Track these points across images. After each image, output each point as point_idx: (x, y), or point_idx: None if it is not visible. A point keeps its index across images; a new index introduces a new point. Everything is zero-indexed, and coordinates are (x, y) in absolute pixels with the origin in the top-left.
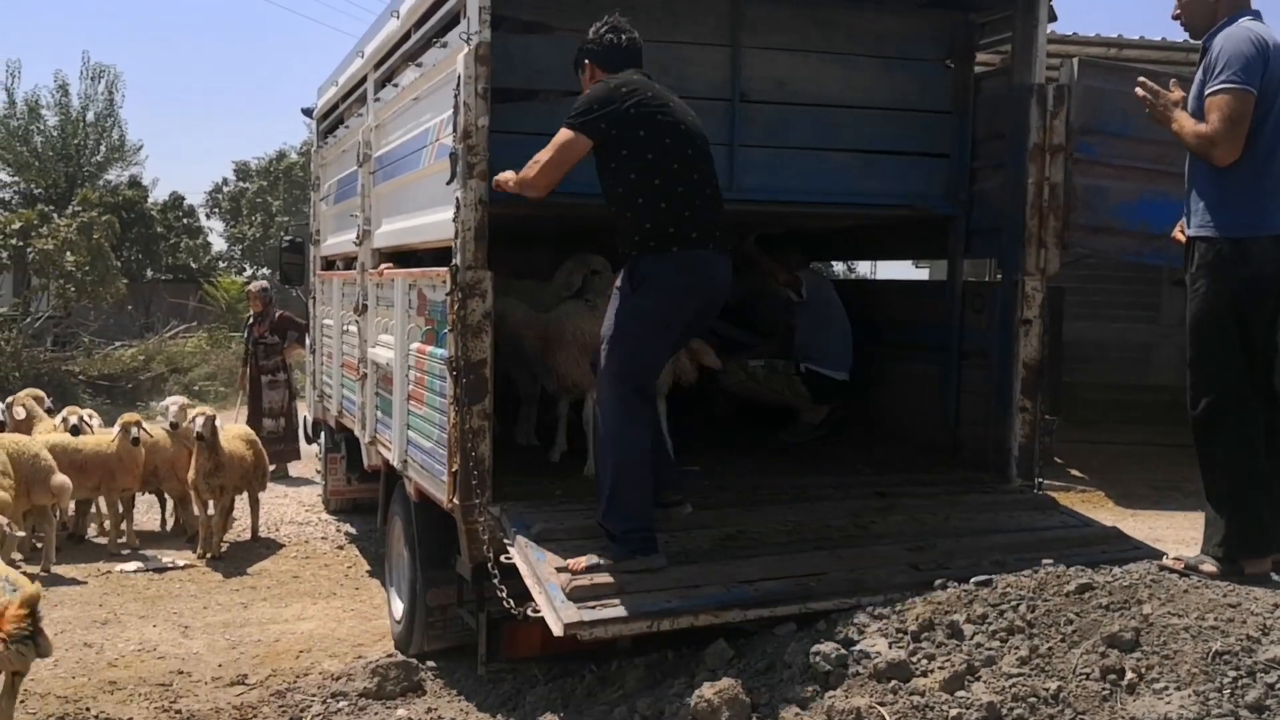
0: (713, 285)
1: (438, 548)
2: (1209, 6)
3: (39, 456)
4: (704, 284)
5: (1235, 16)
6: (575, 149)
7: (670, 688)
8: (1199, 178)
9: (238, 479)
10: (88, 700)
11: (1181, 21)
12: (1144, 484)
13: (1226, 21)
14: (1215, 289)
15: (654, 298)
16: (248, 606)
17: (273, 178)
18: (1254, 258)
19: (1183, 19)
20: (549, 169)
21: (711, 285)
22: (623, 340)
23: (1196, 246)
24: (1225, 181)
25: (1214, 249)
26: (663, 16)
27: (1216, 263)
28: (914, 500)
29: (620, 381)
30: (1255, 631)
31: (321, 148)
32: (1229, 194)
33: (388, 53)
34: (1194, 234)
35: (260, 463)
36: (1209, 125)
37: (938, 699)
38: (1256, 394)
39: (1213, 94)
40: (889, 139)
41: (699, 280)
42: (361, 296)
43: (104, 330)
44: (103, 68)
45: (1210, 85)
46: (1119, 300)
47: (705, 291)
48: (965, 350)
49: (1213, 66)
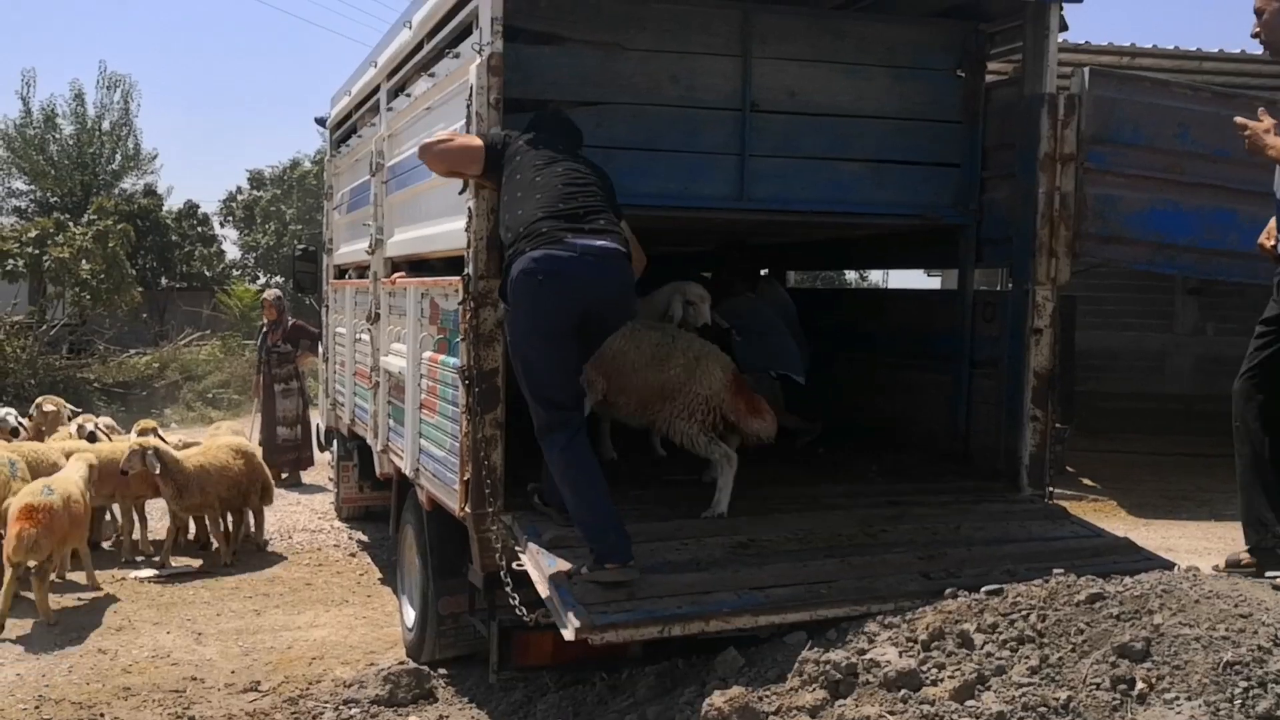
0: (576, 279)
1: (450, 556)
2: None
3: (56, 465)
4: (562, 281)
5: None
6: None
7: (681, 696)
8: None
9: (224, 492)
10: (102, 706)
11: (1262, 39)
12: (1156, 493)
13: None
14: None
15: (518, 308)
16: (261, 613)
17: (286, 186)
18: None
19: (1263, 36)
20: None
21: (575, 279)
22: (515, 358)
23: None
24: None
25: None
26: (674, 27)
27: None
28: (925, 509)
29: (533, 400)
30: (1266, 642)
31: (334, 157)
32: None
33: (400, 63)
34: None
35: (255, 474)
36: None
37: (948, 708)
38: None
39: None
40: (900, 149)
41: (553, 280)
42: (374, 305)
43: (119, 338)
44: (118, 77)
45: None
46: (1132, 309)
47: (566, 287)
48: (976, 359)
49: None
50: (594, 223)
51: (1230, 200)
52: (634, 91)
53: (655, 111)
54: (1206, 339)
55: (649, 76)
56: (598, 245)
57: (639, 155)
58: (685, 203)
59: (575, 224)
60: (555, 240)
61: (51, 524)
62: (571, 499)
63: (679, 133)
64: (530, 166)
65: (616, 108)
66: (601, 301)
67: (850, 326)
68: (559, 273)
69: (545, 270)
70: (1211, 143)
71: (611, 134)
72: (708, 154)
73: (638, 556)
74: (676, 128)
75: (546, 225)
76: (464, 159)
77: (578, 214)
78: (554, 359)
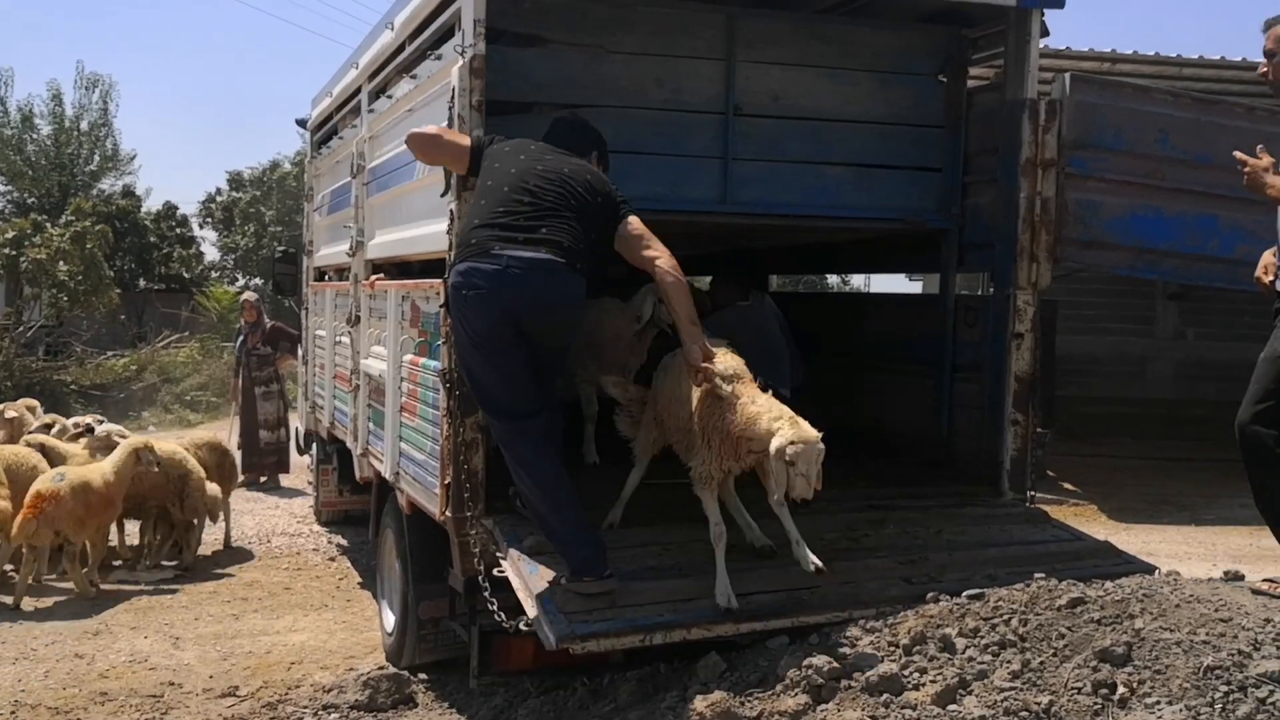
0: (498, 292)
1: (430, 560)
2: None
3: (36, 468)
4: (485, 295)
5: None
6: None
7: (662, 701)
8: None
9: (161, 499)
10: (79, 711)
11: (1269, 79)
12: (1137, 498)
13: None
14: None
15: (456, 321)
16: (239, 618)
17: (266, 188)
18: None
19: (1271, 76)
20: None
21: (497, 292)
22: (461, 371)
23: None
24: None
25: None
26: (659, 30)
27: None
28: (906, 513)
29: (485, 412)
30: (1246, 646)
31: (315, 158)
32: None
33: (382, 64)
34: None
35: (184, 484)
36: None
37: (929, 712)
38: None
39: None
40: (883, 153)
41: (476, 293)
42: (354, 308)
43: (96, 340)
44: (97, 77)
45: None
46: (1113, 314)
47: (489, 300)
48: (958, 364)
49: None
50: (530, 232)
51: (1211, 206)
52: (618, 94)
53: (639, 115)
54: (1187, 344)
55: (633, 79)
56: (525, 256)
57: (623, 158)
58: (669, 206)
59: (508, 233)
60: (483, 252)
61: (57, 511)
62: (538, 510)
63: (663, 136)
64: (489, 172)
65: (600, 111)
66: (530, 311)
67: (832, 331)
68: (480, 286)
69: (468, 284)
70: (1192, 148)
71: None
72: (692, 157)
73: (619, 563)
74: (661, 131)
75: (478, 236)
76: (449, 155)
77: (515, 224)
78: (497, 371)
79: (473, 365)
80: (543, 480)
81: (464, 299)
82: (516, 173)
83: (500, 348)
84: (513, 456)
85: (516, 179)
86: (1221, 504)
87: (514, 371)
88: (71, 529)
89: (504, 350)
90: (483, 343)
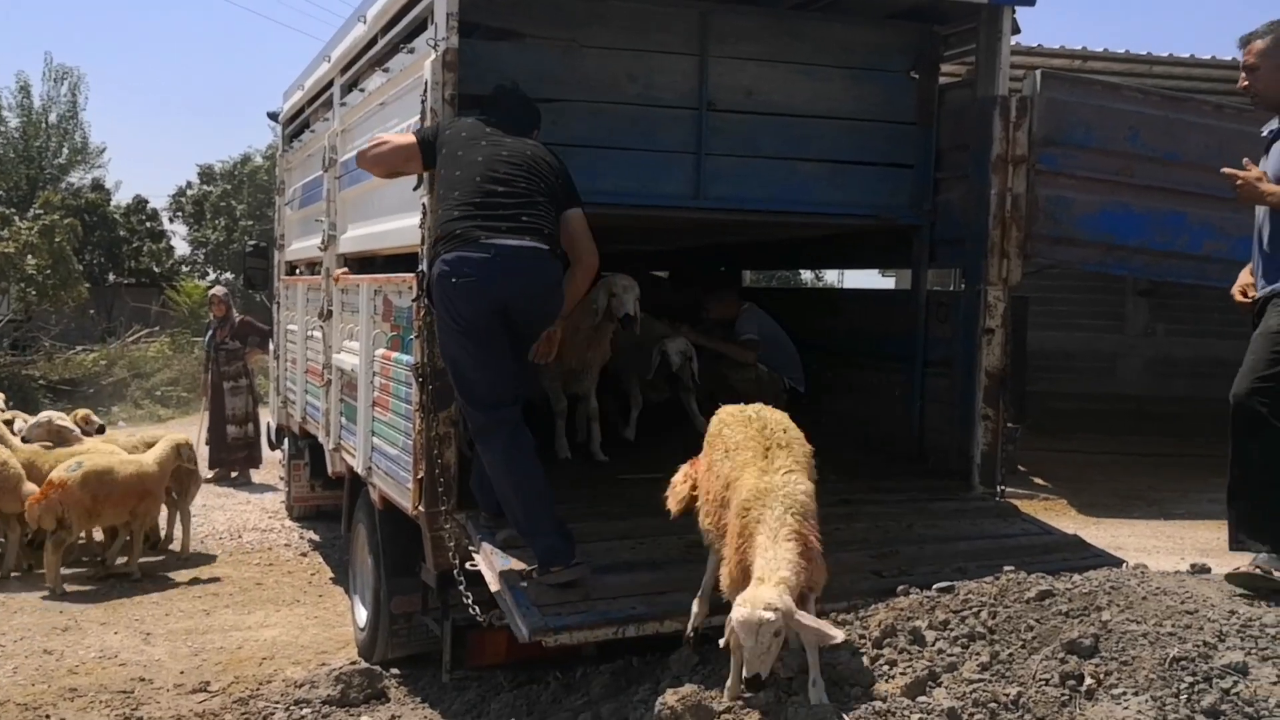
0: (490, 279)
1: (402, 555)
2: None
3: (7, 464)
4: (476, 282)
5: None
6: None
7: (635, 694)
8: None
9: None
10: (48, 707)
11: (1251, 93)
12: (1107, 492)
13: None
14: None
15: (440, 311)
16: (210, 613)
17: (237, 181)
18: None
19: (1253, 90)
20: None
21: (489, 279)
22: (444, 360)
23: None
24: None
25: None
26: (631, 25)
27: None
28: (878, 507)
29: (465, 402)
30: (1212, 638)
31: (287, 152)
32: None
33: (354, 57)
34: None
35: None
36: None
37: (899, 704)
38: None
39: None
40: (855, 149)
41: (468, 281)
42: (326, 302)
43: (65, 334)
44: (65, 69)
45: None
46: (1085, 310)
47: (481, 287)
48: (929, 359)
49: None
50: (514, 221)
51: (1180, 203)
52: (591, 89)
53: (613, 110)
54: (1157, 340)
55: (606, 74)
56: (513, 244)
57: (596, 153)
58: (642, 201)
59: (491, 223)
60: (470, 241)
61: (63, 498)
62: (510, 502)
63: (636, 131)
64: (454, 159)
65: (574, 105)
66: (519, 298)
67: (805, 326)
68: (473, 274)
69: (459, 272)
70: (1162, 145)
71: (569, 132)
72: (665, 153)
73: (593, 556)
74: (634, 126)
75: (462, 226)
76: (400, 158)
77: (495, 213)
78: (479, 359)
79: (456, 352)
80: (516, 471)
81: (453, 286)
82: (484, 161)
83: (486, 334)
84: (487, 447)
85: (485, 168)
86: (1191, 499)
87: (496, 359)
88: (77, 518)
89: (489, 337)
90: (469, 329)
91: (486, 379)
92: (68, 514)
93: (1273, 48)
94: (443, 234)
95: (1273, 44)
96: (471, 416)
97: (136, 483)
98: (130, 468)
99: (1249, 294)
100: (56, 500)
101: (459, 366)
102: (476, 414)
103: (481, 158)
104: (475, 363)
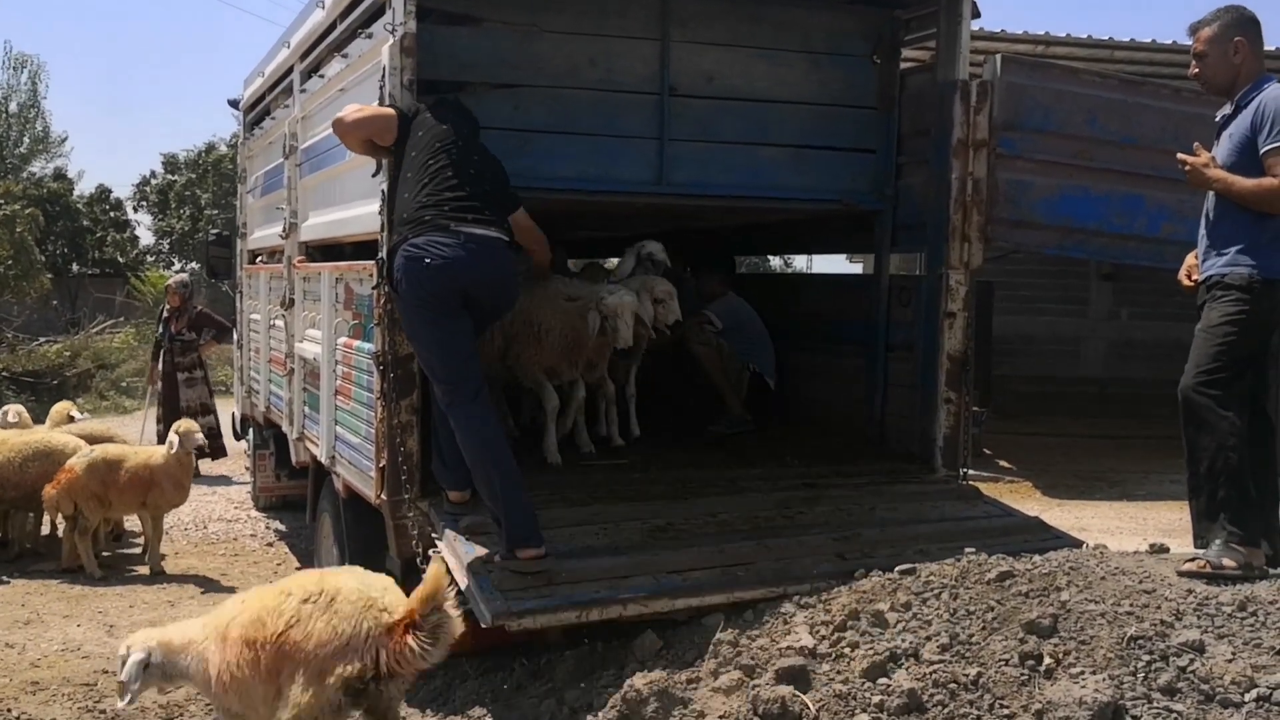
0: (458, 263)
1: (367, 543)
2: (1232, 69)
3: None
4: (444, 265)
5: (1261, 80)
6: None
7: (600, 679)
8: (1239, 223)
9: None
10: (9, 701)
11: (1201, 79)
12: (1070, 475)
13: (1255, 84)
14: (1246, 318)
15: (408, 293)
16: (175, 605)
17: (201, 170)
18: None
19: (1202, 76)
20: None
21: (457, 263)
22: (410, 341)
23: (1228, 281)
24: (1274, 228)
25: (1251, 285)
26: (591, 9)
27: (1251, 297)
28: (840, 491)
29: (433, 379)
30: (1169, 616)
31: (248, 140)
32: (1274, 239)
33: (314, 43)
34: (1222, 271)
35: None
36: (1277, 179)
37: (860, 686)
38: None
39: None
40: (817, 134)
41: (437, 263)
42: (288, 290)
43: (28, 325)
44: (25, 57)
45: (1270, 143)
46: (1048, 294)
47: (448, 270)
48: (892, 343)
49: (1261, 126)
50: (480, 213)
51: (1138, 185)
52: (551, 74)
53: (573, 94)
54: (1120, 324)
55: (567, 59)
56: (479, 234)
57: (556, 138)
58: (604, 186)
59: (459, 213)
60: (440, 227)
61: (72, 485)
62: (483, 475)
63: (597, 116)
64: (427, 149)
65: (534, 90)
66: (482, 285)
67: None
68: (441, 256)
69: (430, 254)
70: (1120, 129)
71: (529, 117)
72: (626, 138)
73: (555, 541)
74: (595, 111)
75: (430, 214)
76: (378, 126)
77: (464, 204)
78: (444, 338)
79: (424, 334)
80: (485, 442)
81: (424, 268)
82: (458, 154)
83: (451, 317)
84: (456, 417)
85: (459, 158)
86: (1153, 480)
87: (461, 341)
88: (87, 505)
89: (453, 319)
90: (438, 311)
91: (452, 357)
92: (79, 499)
93: (1220, 34)
94: (410, 219)
95: (1220, 30)
96: (437, 389)
97: (145, 473)
98: (139, 457)
99: (1194, 277)
100: (68, 486)
101: (426, 345)
102: (441, 386)
103: (456, 151)
104: (440, 341)
